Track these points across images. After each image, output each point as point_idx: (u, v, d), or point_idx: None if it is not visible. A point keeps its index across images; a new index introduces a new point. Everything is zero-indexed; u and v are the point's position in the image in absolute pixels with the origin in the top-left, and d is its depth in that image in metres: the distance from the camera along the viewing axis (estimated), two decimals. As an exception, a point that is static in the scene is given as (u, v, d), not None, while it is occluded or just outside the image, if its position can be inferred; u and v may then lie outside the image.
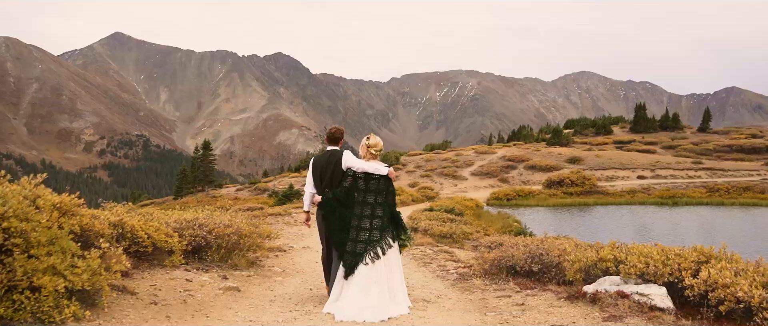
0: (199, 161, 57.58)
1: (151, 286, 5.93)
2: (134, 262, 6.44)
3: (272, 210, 22.32)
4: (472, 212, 27.91)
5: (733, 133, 79.44)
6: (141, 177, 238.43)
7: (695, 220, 29.52)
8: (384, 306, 5.56)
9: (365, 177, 5.82)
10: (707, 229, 26.68)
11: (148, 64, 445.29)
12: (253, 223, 9.07)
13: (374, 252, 5.69)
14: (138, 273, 6.27)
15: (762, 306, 4.39)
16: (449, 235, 14.43)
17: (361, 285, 5.59)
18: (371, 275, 5.63)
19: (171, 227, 7.37)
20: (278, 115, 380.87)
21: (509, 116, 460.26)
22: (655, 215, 31.49)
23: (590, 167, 49.89)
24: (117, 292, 5.30)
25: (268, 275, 7.99)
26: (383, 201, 5.85)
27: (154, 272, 6.49)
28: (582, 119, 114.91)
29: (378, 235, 5.75)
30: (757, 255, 5.72)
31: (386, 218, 5.86)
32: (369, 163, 5.89)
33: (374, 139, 6.07)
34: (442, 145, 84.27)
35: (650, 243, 6.42)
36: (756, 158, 57.14)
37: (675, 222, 28.63)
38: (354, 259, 5.69)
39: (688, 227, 27.42)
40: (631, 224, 28.41)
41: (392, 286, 5.75)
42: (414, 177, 50.67)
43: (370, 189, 5.81)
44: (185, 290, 6.07)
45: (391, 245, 5.83)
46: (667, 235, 23.89)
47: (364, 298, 5.53)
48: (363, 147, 6.05)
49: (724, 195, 37.17)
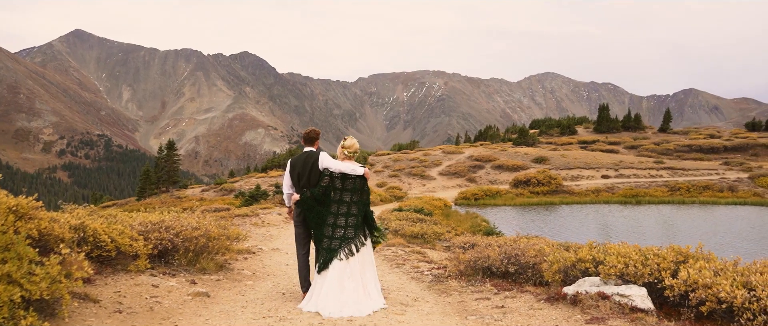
0: (164, 161, 56.44)
1: (115, 293, 5.63)
2: (97, 268, 6.13)
3: (239, 211, 21.91)
4: (440, 212, 27.97)
5: (692, 133, 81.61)
6: (102, 178, 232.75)
7: (658, 219, 30.14)
8: (360, 301, 5.80)
9: (342, 177, 6.06)
10: (669, 227, 27.26)
11: (109, 62, 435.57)
12: (221, 225, 8.78)
13: (348, 248, 5.97)
14: (101, 280, 5.96)
15: (745, 307, 4.36)
16: (420, 236, 14.36)
17: (336, 280, 5.83)
18: (345, 270, 5.89)
19: (136, 230, 7.05)
20: (244, 115, 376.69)
21: (475, 116, 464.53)
22: (619, 214, 32.05)
23: (556, 167, 50.53)
24: (78, 301, 5.01)
25: (238, 279, 7.72)
26: (358, 200, 6.12)
27: (119, 278, 6.18)
28: (547, 119, 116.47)
29: (353, 233, 6.03)
30: (716, 251, 5.74)
31: (360, 216, 6.12)
32: (345, 163, 6.14)
33: (350, 141, 6.33)
34: (410, 144, 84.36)
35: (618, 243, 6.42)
36: (714, 157, 58.78)
37: (638, 221, 29.18)
38: (329, 255, 5.94)
39: (650, 225, 27.98)
40: (596, 223, 28.85)
41: (365, 283, 6.00)
42: (382, 177, 50.57)
43: (346, 188, 6.07)
44: (152, 296, 5.79)
45: (364, 243, 6.11)
46: (632, 233, 24.33)
47: (340, 293, 5.77)
48: (340, 148, 6.31)
49: (685, 194, 38.09)
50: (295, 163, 6.33)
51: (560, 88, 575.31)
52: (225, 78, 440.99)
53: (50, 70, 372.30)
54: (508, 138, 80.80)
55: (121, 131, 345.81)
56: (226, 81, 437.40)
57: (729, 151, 62.52)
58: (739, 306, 4.42)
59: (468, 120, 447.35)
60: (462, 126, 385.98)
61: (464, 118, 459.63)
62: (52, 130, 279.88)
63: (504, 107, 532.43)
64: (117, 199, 69.76)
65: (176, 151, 59.01)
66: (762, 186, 39.25)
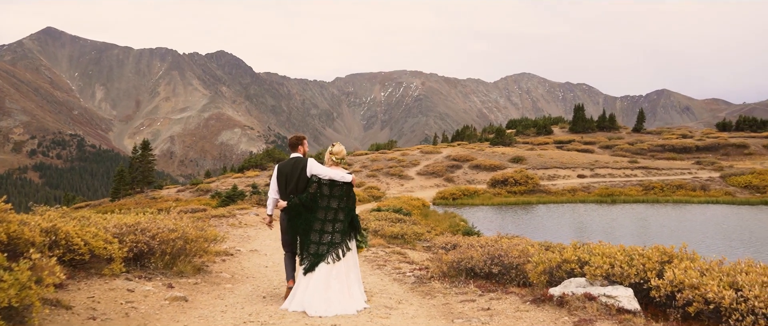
0: (138, 161, 55.62)
1: (88, 299, 5.42)
2: (69, 272, 5.92)
3: (216, 212, 21.59)
4: (419, 212, 27.95)
5: (665, 133, 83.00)
6: (75, 179, 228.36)
7: (632, 217, 30.52)
8: (345, 301, 5.92)
9: (330, 183, 6.13)
10: (644, 226, 27.60)
11: (82, 60, 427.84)
12: (198, 226, 8.58)
13: (336, 253, 6.05)
14: (74, 285, 5.74)
15: (732, 307, 4.34)
16: (400, 236, 14.27)
17: (322, 280, 5.92)
18: (331, 272, 5.99)
19: (110, 232, 6.83)
20: (220, 114, 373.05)
21: (452, 116, 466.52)
22: (595, 213, 32.38)
23: (533, 166, 50.90)
24: (50, 307, 4.80)
25: (216, 282, 7.53)
26: (345, 206, 6.19)
27: (92, 282, 5.97)
28: (523, 119, 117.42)
29: (340, 238, 6.12)
30: (689, 249, 5.74)
31: (347, 222, 6.19)
32: (334, 170, 6.20)
33: (338, 147, 6.44)
34: (388, 144, 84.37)
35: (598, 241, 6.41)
36: (687, 157, 59.84)
37: (614, 220, 29.52)
38: (316, 259, 6.01)
39: (625, 224, 28.32)
40: (573, 222, 29.11)
41: (350, 284, 6.10)
42: (360, 177, 50.42)
43: (333, 194, 6.14)
44: (127, 302, 5.59)
45: (350, 247, 6.21)
46: (608, 232, 24.56)
47: (325, 291, 5.87)
48: (327, 154, 6.38)
49: (659, 193, 38.65)
50: (283, 168, 6.37)
51: (536, 89, 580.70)
52: (201, 77, 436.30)
53: (21, 68, 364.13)
54: (485, 138, 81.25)
55: (94, 131, 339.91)
56: (202, 80, 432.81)
57: (701, 150, 63.70)
58: (727, 306, 4.40)
59: (445, 120, 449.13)
60: (439, 126, 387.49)
61: (441, 118, 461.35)
62: (23, 129, 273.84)
63: (481, 107, 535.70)
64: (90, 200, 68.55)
65: (151, 151, 58.26)
66: (733, 185, 39.98)
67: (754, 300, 4.25)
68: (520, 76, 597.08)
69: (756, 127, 79.86)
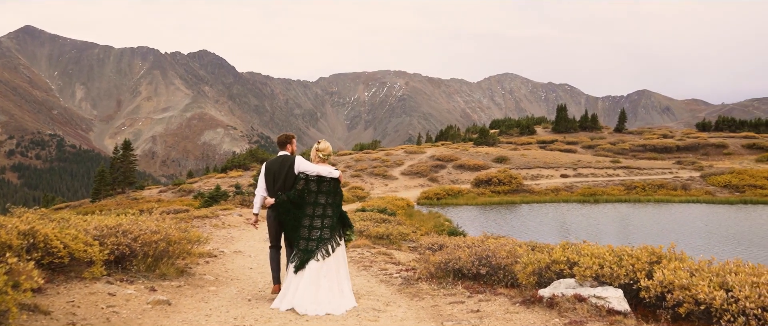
0: (119, 162, 55.01)
1: (68, 303, 5.27)
2: (48, 276, 5.76)
3: (199, 213, 21.34)
4: (403, 212, 27.95)
5: (646, 133, 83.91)
6: (55, 179, 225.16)
7: (615, 217, 30.78)
8: (335, 299, 5.96)
9: (317, 180, 6.22)
10: (626, 225, 27.86)
11: (62, 59, 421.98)
12: (182, 228, 8.42)
13: (325, 249, 6.10)
14: (52, 289, 5.58)
15: (723, 308, 4.32)
16: (386, 236, 14.18)
17: (312, 279, 5.96)
18: (321, 270, 6.03)
19: (91, 235, 6.66)
20: (203, 114, 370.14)
21: (436, 116, 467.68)
22: (578, 212, 32.60)
23: (516, 166, 51.13)
24: (27, 313, 4.63)
25: (200, 284, 7.37)
26: (333, 201, 6.28)
27: (72, 286, 5.81)
28: (507, 119, 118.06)
29: (329, 234, 6.17)
30: (676, 249, 5.74)
31: (335, 218, 6.27)
32: (321, 166, 6.28)
33: (324, 144, 6.46)
34: (372, 144, 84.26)
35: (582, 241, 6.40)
36: (667, 157, 60.56)
37: (596, 219, 29.75)
38: (306, 256, 6.06)
39: (608, 223, 28.56)
40: (556, 221, 29.27)
41: (340, 281, 6.16)
42: (344, 177, 50.05)
43: (321, 191, 6.22)
44: (108, 306, 5.44)
45: (339, 243, 6.28)
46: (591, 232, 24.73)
47: (316, 291, 5.91)
48: (313, 151, 6.43)
49: (641, 193, 39.02)
50: (271, 166, 6.47)
51: (519, 89, 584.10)
52: (183, 77, 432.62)
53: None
54: (469, 138, 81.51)
55: (74, 131, 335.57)
56: (185, 80, 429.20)
57: (681, 150, 64.49)
58: (718, 307, 4.38)
59: (429, 120, 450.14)
60: (423, 126, 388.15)
61: (425, 117, 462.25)
62: (1, 129, 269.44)
63: (464, 107, 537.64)
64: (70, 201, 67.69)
65: (132, 151, 57.70)
66: (713, 184, 40.50)
67: (744, 301, 4.23)
68: (503, 77, 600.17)
69: (735, 128, 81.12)
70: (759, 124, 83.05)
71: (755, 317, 4.16)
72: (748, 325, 4.21)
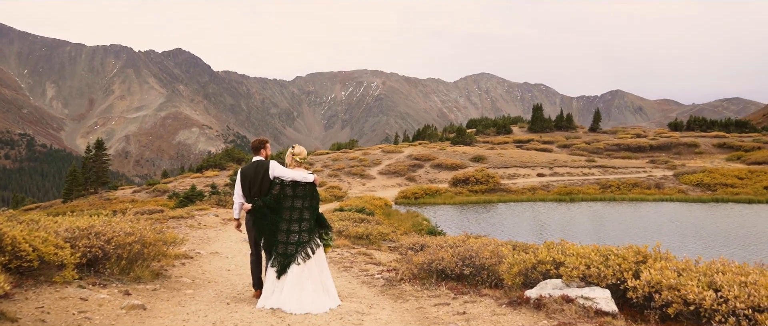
0: (92, 161, 54.04)
1: (37, 309, 5.03)
2: (16, 280, 5.52)
3: (174, 213, 20.96)
4: (381, 211, 27.83)
5: (620, 132, 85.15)
6: (25, 180, 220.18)
7: (590, 215, 31.06)
8: (319, 299, 6.00)
9: (293, 184, 6.22)
10: (602, 223, 28.13)
11: (32, 57, 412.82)
12: (157, 229, 8.18)
13: (305, 252, 6.12)
14: (21, 294, 5.33)
15: (713, 309, 4.27)
16: (365, 236, 14.05)
17: (295, 282, 5.99)
18: (303, 273, 6.05)
19: (61, 237, 6.41)
20: (178, 113, 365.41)
21: (413, 116, 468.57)
22: (554, 211, 32.83)
23: (493, 165, 51.37)
24: (-6, 320, 4.43)
25: (176, 287, 7.14)
26: (309, 205, 6.29)
27: (41, 291, 5.56)
28: (483, 119, 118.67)
29: (307, 237, 6.19)
30: (646, 246, 5.71)
31: (312, 220, 6.29)
32: (296, 171, 6.29)
33: (299, 149, 6.51)
34: (349, 144, 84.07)
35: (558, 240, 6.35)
36: (641, 156, 61.44)
37: (572, 218, 30.00)
38: (286, 260, 6.08)
39: (583, 222, 28.81)
40: (533, 220, 29.43)
41: (323, 281, 6.20)
42: (322, 176, 50.01)
43: (297, 195, 6.23)
44: (80, 311, 5.21)
45: (319, 245, 6.28)
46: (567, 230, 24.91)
47: (300, 293, 5.94)
48: (289, 156, 6.47)
49: (616, 191, 39.45)
50: (246, 172, 6.44)
51: (495, 89, 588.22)
52: (157, 75, 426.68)
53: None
54: (446, 137, 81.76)
55: (45, 130, 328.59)
56: (159, 78, 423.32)
57: (654, 149, 65.50)
58: (707, 307, 4.33)
59: (406, 119, 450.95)
60: (400, 125, 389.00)
61: (402, 117, 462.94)
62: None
63: (441, 107, 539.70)
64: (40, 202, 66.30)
65: (105, 151, 56.75)
66: (686, 183, 41.14)
67: (734, 301, 4.19)
68: (479, 76, 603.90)
69: (706, 127, 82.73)
70: (729, 123, 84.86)
71: (746, 317, 4.12)
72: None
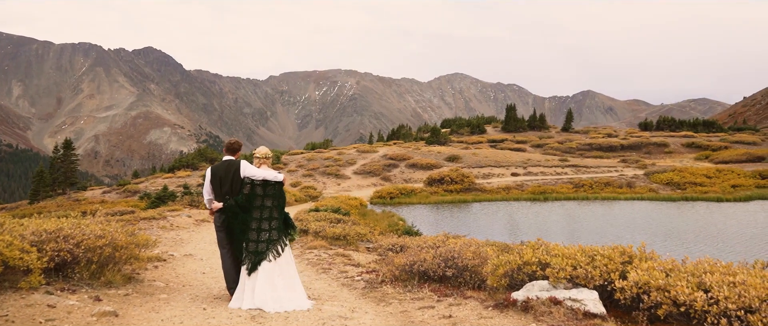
0: (60, 161, 52.85)
1: (1, 317, 4.76)
2: (-22, 287, 5.24)
3: (145, 214, 20.49)
4: (357, 211, 27.67)
5: (592, 132, 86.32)
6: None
7: (563, 214, 31.34)
8: (289, 298, 6.13)
9: (263, 183, 6.41)
10: (575, 222, 28.41)
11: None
12: (128, 231, 7.90)
13: (275, 250, 6.30)
14: (-17, 301, 5.07)
15: (704, 310, 4.21)
16: (343, 237, 13.86)
17: (267, 279, 6.13)
18: (275, 269, 6.21)
19: (27, 240, 6.12)
20: (149, 113, 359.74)
21: (387, 115, 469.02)
22: (529, 210, 33.05)
23: (468, 165, 51.57)
24: (-47, 330, 4.17)
25: (149, 292, 6.88)
26: (278, 204, 6.50)
27: (6, 298, 5.28)
28: (457, 119, 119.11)
29: (277, 235, 6.38)
30: (611, 242, 5.70)
31: (281, 219, 6.49)
32: (267, 171, 6.49)
33: (263, 150, 6.71)
34: (324, 143, 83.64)
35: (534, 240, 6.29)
36: (612, 156, 62.33)
37: (546, 217, 30.23)
38: (257, 257, 6.23)
39: (557, 221, 29.05)
40: (508, 219, 29.59)
41: (291, 277, 6.35)
42: (296, 176, 49.62)
43: (267, 194, 6.42)
44: (47, 319, 4.95)
45: (287, 243, 6.47)
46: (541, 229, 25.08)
47: (271, 290, 6.07)
48: (255, 160, 6.65)
49: (588, 191, 39.88)
50: (216, 170, 6.57)
51: (468, 89, 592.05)
52: (127, 74, 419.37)
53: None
54: (420, 137, 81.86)
55: (10, 129, 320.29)
56: (129, 77, 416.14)
57: (625, 149, 66.53)
58: (699, 309, 4.26)
59: (380, 119, 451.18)
60: (374, 125, 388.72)
61: (376, 117, 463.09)
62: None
63: (415, 107, 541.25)
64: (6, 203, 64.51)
65: (74, 151, 55.54)
66: (656, 182, 41.81)
67: (725, 302, 4.14)
68: (453, 77, 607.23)
69: (675, 127, 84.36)
70: (697, 123, 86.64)
71: (738, 319, 4.06)
72: (730, 327, 4.10)
